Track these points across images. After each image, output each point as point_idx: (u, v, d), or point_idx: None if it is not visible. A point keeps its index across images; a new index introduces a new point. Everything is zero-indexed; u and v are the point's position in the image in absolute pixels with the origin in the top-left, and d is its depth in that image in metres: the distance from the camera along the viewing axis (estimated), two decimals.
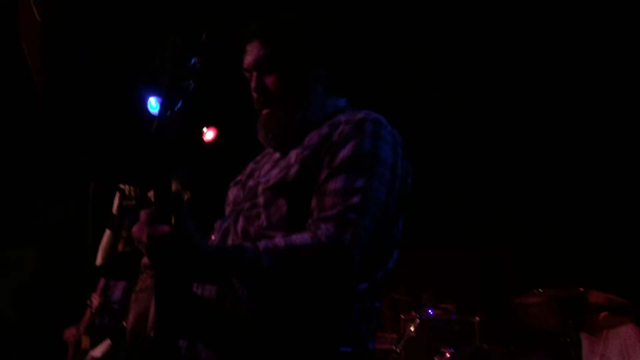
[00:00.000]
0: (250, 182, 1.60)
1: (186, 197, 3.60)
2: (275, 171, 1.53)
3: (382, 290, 1.52)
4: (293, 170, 1.48)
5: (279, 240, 1.35)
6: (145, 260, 1.33)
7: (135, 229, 1.31)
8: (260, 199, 1.49)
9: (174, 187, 3.62)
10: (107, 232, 3.45)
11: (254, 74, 1.62)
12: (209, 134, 5.05)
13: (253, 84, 1.62)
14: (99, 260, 3.38)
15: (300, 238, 1.34)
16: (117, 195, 3.33)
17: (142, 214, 1.30)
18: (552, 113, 4.86)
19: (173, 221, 1.28)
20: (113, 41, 4.29)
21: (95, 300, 3.55)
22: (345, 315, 1.43)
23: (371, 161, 1.44)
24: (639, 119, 4.61)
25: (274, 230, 1.43)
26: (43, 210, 4.86)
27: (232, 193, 1.67)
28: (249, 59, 1.63)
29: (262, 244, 1.33)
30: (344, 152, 1.44)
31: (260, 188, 1.51)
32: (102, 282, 3.63)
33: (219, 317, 1.42)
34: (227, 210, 1.65)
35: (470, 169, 5.24)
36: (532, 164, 5.08)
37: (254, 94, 1.63)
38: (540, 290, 3.29)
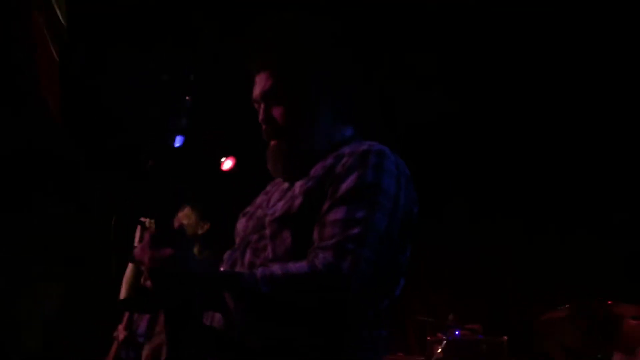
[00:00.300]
0: (259, 213, 1.62)
1: (206, 227, 3.62)
2: (281, 203, 1.54)
3: (389, 318, 1.52)
4: (297, 202, 1.49)
5: (276, 268, 1.36)
6: (148, 282, 1.35)
7: (137, 250, 1.34)
8: (267, 231, 1.51)
9: (193, 217, 3.67)
10: (130, 266, 3.45)
11: (262, 105, 1.63)
12: (227, 163, 5.06)
13: (261, 116, 1.63)
14: (122, 294, 3.38)
15: (298, 266, 1.35)
16: (139, 228, 3.34)
17: (145, 237, 1.34)
18: (552, 113, 4.86)
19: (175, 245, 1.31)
20: (113, 41, 4.29)
21: (120, 333, 3.55)
22: (351, 344, 1.43)
23: (373, 192, 1.44)
24: (639, 119, 4.61)
25: (279, 263, 1.43)
26: (43, 211, 4.87)
27: (241, 224, 1.69)
28: (257, 90, 1.64)
29: (259, 272, 1.35)
30: (347, 184, 1.45)
31: (267, 220, 1.52)
32: (126, 315, 3.63)
33: (225, 346, 1.44)
34: (237, 241, 1.67)
35: (471, 169, 5.24)
36: (533, 163, 5.08)
37: (262, 126, 1.64)
38: (567, 305, 3.24)
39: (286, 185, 1.62)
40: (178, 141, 1.35)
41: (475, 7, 4.22)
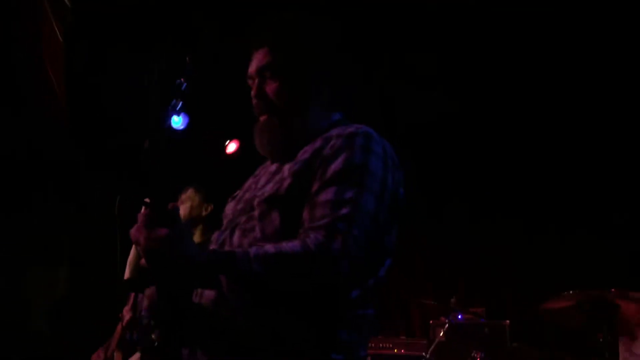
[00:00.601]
0: (247, 195, 1.64)
1: (210, 208, 3.62)
2: (269, 185, 1.56)
3: (374, 297, 1.54)
4: (285, 183, 1.51)
5: (269, 247, 1.38)
6: (143, 261, 1.36)
7: (133, 230, 1.36)
8: (256, 212, 1.53)
9: (197, 199, 3.66)
10: (135, 247, 3.44)
11: (256, 80, 1.65)
12: (231, 146, 5.09)
13: (254, 91, 1.65)
14: (127, 275, 3.38)
15: (290, 246, 1.37)
16: (143, 209, 3.34)
17: (140, 217, 1.35)
18: (552, 113, 4.86)
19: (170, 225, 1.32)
20: (113, 41, 4.30)
21: (126, 314, 3.56)
22: (337, 322, 1.46)
23: (361, 173, 1.47)
24: (639, 119, 4.61)
25: (268, 243, 1.45)
26: (43, 211, 4.87)
27: (230, 207, 1.70)
28: (253, 66, 1.66)
29: (252, 250, 1.37)
30: (335, 165, 1.48)
31: (256, 201, 1.54)
32: (132, 296, 3.62)
33: (216, 325, 1.46)
34: (225, 223, 1.68)
35: (471, 169, 5.23)
36: (533, 163, 5.08)
37: (254, 100, 1.65)
38: (571, 292, 3.25)
39: (274, 168, 1.64)
40: (182, 123, 1.35)
41: (475, 7, 4.22)
